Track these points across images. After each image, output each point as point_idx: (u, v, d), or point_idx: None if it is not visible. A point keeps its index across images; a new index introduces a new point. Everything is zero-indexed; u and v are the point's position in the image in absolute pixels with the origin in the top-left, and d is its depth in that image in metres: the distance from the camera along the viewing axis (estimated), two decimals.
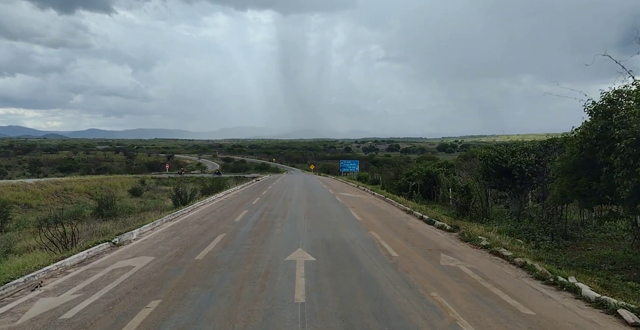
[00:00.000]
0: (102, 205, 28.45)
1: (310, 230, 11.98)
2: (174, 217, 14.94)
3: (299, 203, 19.78)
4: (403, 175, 31.01)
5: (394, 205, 19.53)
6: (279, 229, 12.28)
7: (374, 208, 18.24)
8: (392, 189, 34.16)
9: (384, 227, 12.82)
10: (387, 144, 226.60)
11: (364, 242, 10.42)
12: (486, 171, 16.05)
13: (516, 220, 13.06)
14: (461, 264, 8.22)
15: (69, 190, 39.85)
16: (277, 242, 10.20)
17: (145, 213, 24.27)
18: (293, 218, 14.60)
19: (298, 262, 8.21)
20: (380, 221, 14.15)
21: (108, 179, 51.35)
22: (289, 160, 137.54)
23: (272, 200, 21.12)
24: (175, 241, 10.28)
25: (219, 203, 20.28)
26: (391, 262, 8.37)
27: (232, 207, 18.36)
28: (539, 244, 11.16)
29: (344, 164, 54.31)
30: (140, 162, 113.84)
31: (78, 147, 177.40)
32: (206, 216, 15.25)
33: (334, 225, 13.09)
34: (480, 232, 10.88)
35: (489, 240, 9.93)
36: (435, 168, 29.81)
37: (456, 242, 10.61)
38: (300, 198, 22.46)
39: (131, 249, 9.36)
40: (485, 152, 16.22)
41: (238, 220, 14.14)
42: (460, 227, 12.10)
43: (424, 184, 28.11)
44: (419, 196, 26.76)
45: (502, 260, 8.47)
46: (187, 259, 8.32)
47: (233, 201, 21.08)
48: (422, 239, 11.00)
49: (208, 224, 13.31)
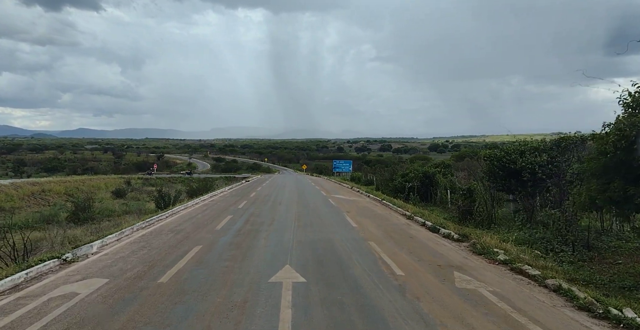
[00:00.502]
0: (78, 208, 26.67)
1: (300, 241, 10.51)
2: (148, 224, 13.37)
3: (289, 207, 18.29)
4: (398, 176, 29.69)
5: (392, 209, 18.13)
6: (264, 239, 10.79)
7: (370, 213, 16.82)
8: (387, 190, 32.85)
9: (384, 236, 11.40)
10: (379, 144, 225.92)
11: (363, 255, 8.99)
12: (492, 172, 14.73)
13: (530, 228, 11.74)
14: (481, 286, 6.82)
15: (47, 191, 37.90)
16: (261, 258, 8.72)
17: (123, 217, 22.63)
18: (281, 226, 13.12)
19: (285, 285, 6.74)
20: (379, 228, 12.73)
21: (91, 180, 49.36)
22: (281, 160, 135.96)
23: (260, 204, 19.60)
24: (140, 256, 8.75)
25: (202, 207, 18.72)
26: (397, 283, 6.94)
27: (216, 211, 16.82)
28: (559, 255, 9.83)
29: (336, 164, 52.90)
30: (129, 162, 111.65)
31: (66, 147, 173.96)
32: (184, 223, 13.70)
33: (328, 234, 11.64)
34: (494, 243, 9.51)
35: (507, 254, 8.55)
36: (431, 168, 28.52)
37: (468, 255, 9.22)
38: (290, 201, 20.97)
39: (84, 268, 7.81)
40: (491, 152, 14.89)
41: (219, 228, 12.61)
42: (469, 236, 10.73)
43: (420, 185, 26.85)
44: (416, 198, 25.48)
45: (529, 281, 7.07)
46: (148, 283, 6.80)
47: (218, 205, 19.53)
48: (429, 251, 9.59)
49: (184, 232, 11.77)
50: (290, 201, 20.97)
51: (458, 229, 11.73)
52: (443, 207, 24.16)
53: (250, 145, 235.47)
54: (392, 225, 13.63)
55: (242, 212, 16.60)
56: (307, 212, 16.46)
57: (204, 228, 12.59)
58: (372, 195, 24.31)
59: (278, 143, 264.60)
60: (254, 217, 14.96)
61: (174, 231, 12.00)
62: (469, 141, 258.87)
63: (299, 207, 18.41)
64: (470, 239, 10.61)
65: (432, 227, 12.60)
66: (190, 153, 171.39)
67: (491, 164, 14.60)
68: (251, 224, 13.35)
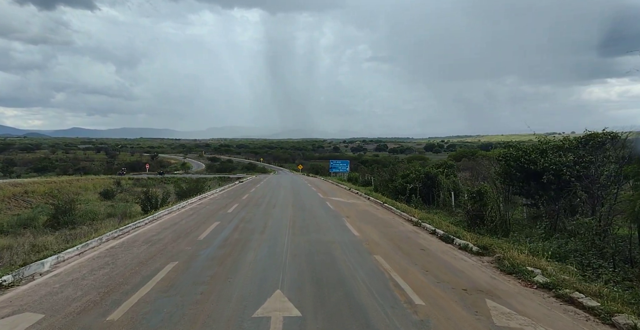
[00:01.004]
0: (58, 212, 24.95)
1: (295, 255, 8.97)
2: (122, 232, 11.77)
3: (284, 211, 16.72)
4: (398, 176, 28.22)
5: (395, 213, 16.61)
6: (253, 253, 9.23)
7: (372, 218, 15.29)
8: (386, 191, 31.40)
9: (391, 248, 9.87)
10: (375, 144, 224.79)
11: (370, 274, 7.46)
12: (507, 174, 13.24)
13: (558, 238, 10.25)
14: (527, 323, 5.28)
15: (31, 192, 36.10)
16: (248, 278, 7.16)
17: (103, 222, 20.99)
18: (274, 234, 11.56)
19: (274, 321, 5.20)
20: (384, 238, 11.20)
21: (79, 180, 47.54)
22: (277, 160, 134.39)
23: (252, 208, 18.02)
24: (98, 278, 7.16)
25: (188, 211, 17.12)
26: (417, 318, 5.40)
27: (202, 217, 15.22)
28: (598, 272, 8.34)
29: (333, 164, 51.35)
30: (122, 162, 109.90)
31: (58, 146, 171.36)
32: (164, 231, 12.11)
33: (326, 245, 10.09)
34: (525, 259, 7.99)
35: (546, 275, 7.04)
36: (433, 169, 27.08)
37: (496, 274, 7.70)
38: (285, 204, 19.40)
39: (21, 296, 6.21)
40: (506, 152, 13.39)
41: (203, 237, 11.03)
42: (491, 249, 9.22)
43: (422, 186, 25.42)
44: (419, 200, 24.02)
45: (588, 316, 5.55)
46: (94, 321, 5.22)
47: (206, 208, 17.93)
48: (447, 268, 8.08)
49: (161, 244, 10.19)
50: (285, 204, 19.40)
51: (476, 239, 10.23)
52: (447, 210, 22.76)
53: (246, 145, 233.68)
54: (397, 233, 12.11)
55: (231, 217, 15.02)
56: (303, 217, 14.91)
57: (185, 238, 11.01)
58: (371, 198, 22.81)
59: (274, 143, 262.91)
60: (244, 224, 13.39)
61: (150, 242, 10.41)
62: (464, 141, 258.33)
63: (294, 211, 16.85)
64: (492, 252, 9.11)
65: (445, 236, 11.08)
66: (185, 153, 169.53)
67: (507, 164, 13.12)
68: (240, 232, 11.78)
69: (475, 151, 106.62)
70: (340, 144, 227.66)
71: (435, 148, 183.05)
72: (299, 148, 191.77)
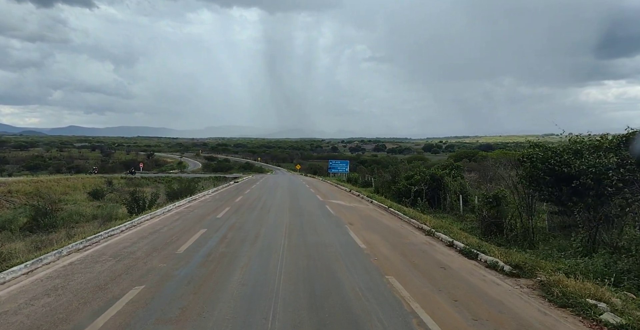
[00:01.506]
0: (38, 213, 23.24)
1: (291, 276, 7.34)
2: (89, 242, 10.12)
3: (279, 217, 15.08)
4: (402, 178, 26.66)
5: (403, 220, 15.00)
6: (239, 273, 7.60)
7: (378, 225, 13.68)
8: (388, 193, 29.89)
9: (406, 266, 8.26)
10: (373, 144, 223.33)
11: (385, 307, 5.84)
12: (534, 177, 11.65)
13: (604, 254, 8.65)
14: None
15: (15, 192, 34.36)
16: (228, 315, 5.53)
17: (83, 225, 19.32)
18: (267, 246, 9.93)
19: None
20: (395, 251, 9.59)
21: (68, 179, 45.74)
22: (274, 159, 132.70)
23: (244, 212, 16.38)
24: (33, 312, 5.52)
25: (174, 215, 15.46)
26: None
27: (188, 223, 13.57)
28: None
29: (332, 164, 49.69)
30: (117, 161, 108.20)
31: (54, 144, 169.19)
32: (140, 241, 10.46)
33: (328, 261, 8.48)
34: (580, 286, 6.37)
35: (616, 312, 5.44)
36: (439, 170, 25.52)
37: (545, 306, 6.08)
38: (281, 208, 17.76)
39: None
40: (531, 152, 11.78)
41: (183, 250, 9.39)
42: (527, 268, 7.62)
43: (427, 189, 23.87)
44: (425, 204, 22.46)
45: None
46: None
47: (194, 212, 16.27)
48: (480, 296, 6.47)
49: (132, 259, 8.54)
50: (281, 208, 17.77)
51: (504, 254, 8.61)
52: (454, 214, 21.27)
53: (244, 144, 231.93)
54: (410, 245, 10.50)
55: (220, 223, 13.37)
56: (300, 225, 13.28)
57: (162, 250, 9.37)
58: (375, 201, 21.21)
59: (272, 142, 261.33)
60: (234, 232, 11.75)
61: (118, 256, 8.76)
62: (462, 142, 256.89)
63: (291, 216, 15.21)
64: (530, 274, 7.50)
65: (466, 250, 9.47)
66: (182, 152, 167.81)
67: (532, 166, 11.53)
68: (227, 244, 10.15)
69: (475, 152, 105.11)
70: (339, 144, 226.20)
71: (434, 148, 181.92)
72: (297, 148, 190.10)
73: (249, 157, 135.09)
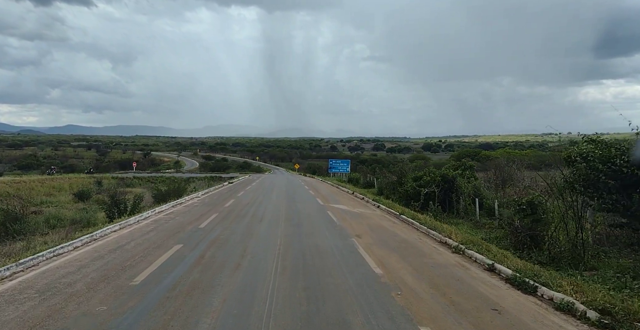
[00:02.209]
0: (7, 218, 20.84)
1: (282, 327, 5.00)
2: (24, 267, 7.75)
3: (273, 228, 12.72)
4: (409, 179, 24.33)
5: (420, 230, 12.66)
6: (212, 315, 5.26)
7: (392, 238, 11.32)
8: (393, 195, 27.59)
9: (443, 307, 5.92)
10: (372, 143, 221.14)
11: None
12: (591, 181, 9.31)
13: None
14: None
15: None
16: None
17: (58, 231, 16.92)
18: (253, 273, 7.58)
19: None
20: (422, 280, 7.24)
21: (53, 180, 43.32)
22: (273, 158, 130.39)
23: (232, 221, 14.01)
24: None
25: (149, 224, 13.11)
26: None
27: (162, 235, 11.21)
28: None
29: (333, 163, 47.30)
30: (111, 160, 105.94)
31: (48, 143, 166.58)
32: (91, 264, 8.10)
33: (336, 298, 6.13)
34: None
35: None
36: (451, 171, 23.22)
37: None
38: (276, 216, 15.39)
39: None
40: (586, 149, 9.43)
41: (142, 279, 7.03)
42: (621, 316, 5.30)
43: (439, 191, 21.60)
44: (438, 209, 20.18)
45: None
46: None
47: (174, 221, 13.91)
48: None
49: (65, 295, 6.18)
50: (276, 216, 15.40)
51: (578, 290, 6.27)
52: (469, 219, 19.04)
53: (242, 143, 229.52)
54: (437, 268, 8.17)
55: (201, 236, 11.01)
56: (298, 238, 10.92)
57: (113, 280, 7.01)
58: (382, 206, 18.87)
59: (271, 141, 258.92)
60: (215, 250, 9.40)
61: (48, 291, 6.39)
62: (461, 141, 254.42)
63: (287, 227, 12.85)
64: (628, 325, 5.17)
65: (518, 280, 7.09)
66: (179, 151, 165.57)
67: (589, 167, 9.20)
68: (203, 269, 7.79)
69: (478, 151, 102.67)
70: (338, 143, 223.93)
71: (434, 148, 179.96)
72: (296, 147, 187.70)
73: (247, 156, 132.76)
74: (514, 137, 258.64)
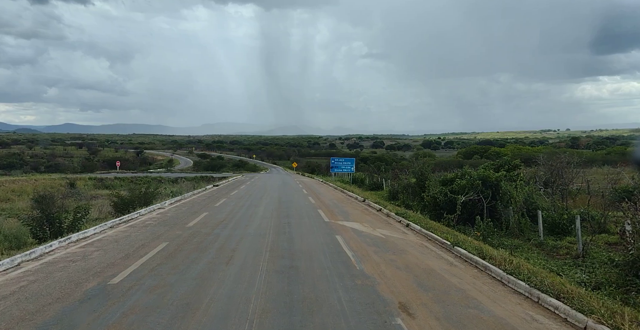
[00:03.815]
0: None
1: None
2: None
3: (244, 284, 7.14)
4: (434, 182, 18.89)
5: (513, 286, 7.10)
6: None
7: (468, 313, 5.79)
8: (413, 202, 22.15)
9: None
10: (371, 140, 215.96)
11: None
12: None
13: None
14: None
15: None
16: None
17: None
18: None
19: None
20: None
21: (15, 181, 37.73)
22: (270, 157, 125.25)
23: (182, 262, 8.41)
24: None
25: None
26: None
27: (42, 300, 5.66)
28: None
29: (335, 162, 41.78)
30: (101, 158, 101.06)
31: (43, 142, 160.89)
32: None
33: None
34: None
35: None
36: (490, 171, 17.79)
37: None
38: (258, 249, 9.76)
39: None
40: None
41: None
42: None
43: (477, 200, 16.38)
44: (490, 226, 14.85)
45: None
46: None
47: (75, 266, 8.34)
48: None
49: None
50: (256, 248, 9.79)
51: None
52: (526, 239, 13.93)
53: (240, 141, 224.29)
54: None
55: (92, 315, 5.47)
56: (288, 320, 5.39)
57: None
58: (413, 224, 13.26)
59: (269, 139, 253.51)
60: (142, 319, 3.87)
61: None
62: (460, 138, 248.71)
63: (269, 280, 7.26)
64: None
65: None
66: (174, 149, 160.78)
67: None
68: None
69: (488, 148, 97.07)
70: (336, 141, 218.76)
71: (433, 145, 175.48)
72: (294, 144, 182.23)
73: (244, 155, 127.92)
74: (512, 134, 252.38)
